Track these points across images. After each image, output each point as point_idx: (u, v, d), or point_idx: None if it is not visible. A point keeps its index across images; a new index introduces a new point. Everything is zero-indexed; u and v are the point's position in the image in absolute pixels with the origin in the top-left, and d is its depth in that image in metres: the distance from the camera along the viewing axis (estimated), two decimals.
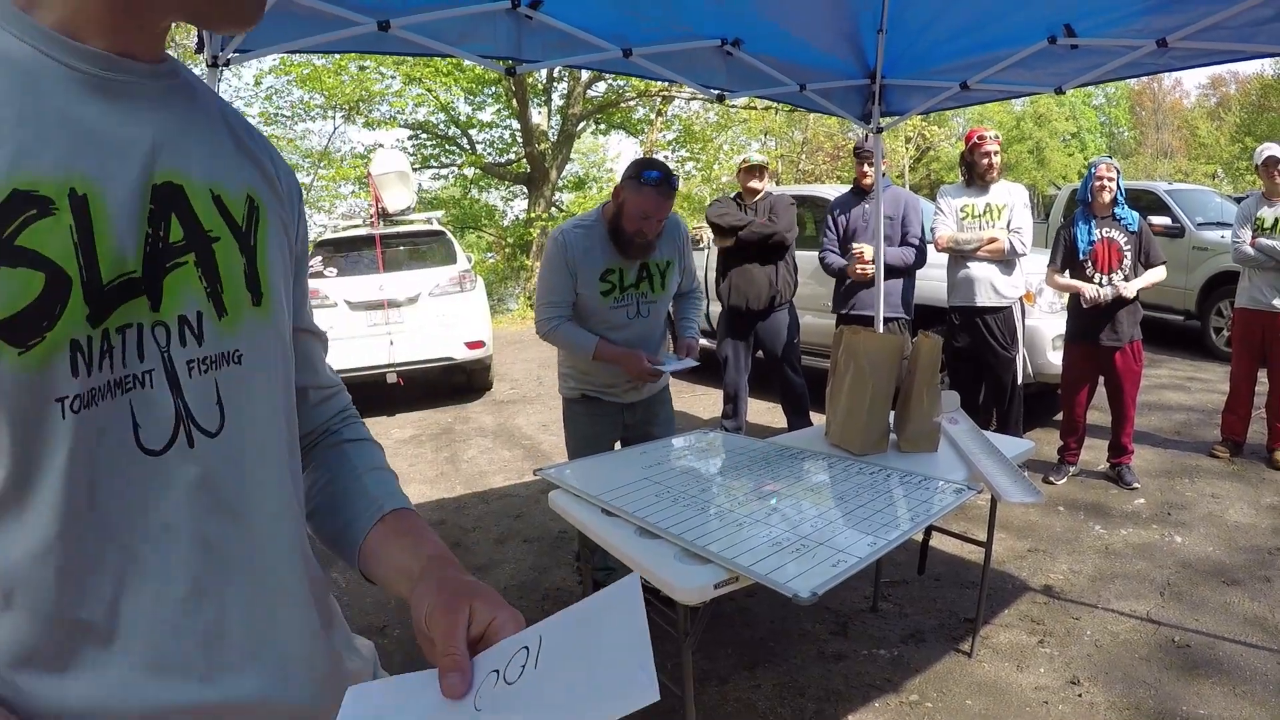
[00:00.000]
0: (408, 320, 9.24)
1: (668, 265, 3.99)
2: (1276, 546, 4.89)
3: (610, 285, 3.84)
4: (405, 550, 1.14)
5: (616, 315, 3.90)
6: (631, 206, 3.66)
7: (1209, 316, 10.78)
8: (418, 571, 1.07)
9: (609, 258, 3.82)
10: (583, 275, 3.80)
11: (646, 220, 3.66)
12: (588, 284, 3.82)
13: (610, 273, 3.83)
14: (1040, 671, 3.72)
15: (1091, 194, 5.85)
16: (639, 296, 3.93)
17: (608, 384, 4.05)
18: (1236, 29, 3.75)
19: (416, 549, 1.13)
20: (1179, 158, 49.09)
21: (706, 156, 26.99)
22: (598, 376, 4.04)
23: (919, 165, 39.31)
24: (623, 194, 3.70)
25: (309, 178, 24.23)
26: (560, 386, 4.27)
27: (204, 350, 0.95)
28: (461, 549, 5.39)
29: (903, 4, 4.58)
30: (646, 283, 3.93)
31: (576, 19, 4.02)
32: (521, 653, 0.90)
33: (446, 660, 0.91)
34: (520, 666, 0.88)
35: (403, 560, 1.13)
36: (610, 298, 3.86)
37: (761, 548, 2.41)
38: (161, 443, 0.91)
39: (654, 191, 3.63)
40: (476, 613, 0.96)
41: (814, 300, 7.73)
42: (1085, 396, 6.11)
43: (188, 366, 0.93)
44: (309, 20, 3.56)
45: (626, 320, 3.93)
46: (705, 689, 3.66)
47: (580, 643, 0.89)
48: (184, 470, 0.93)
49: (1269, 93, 40.26)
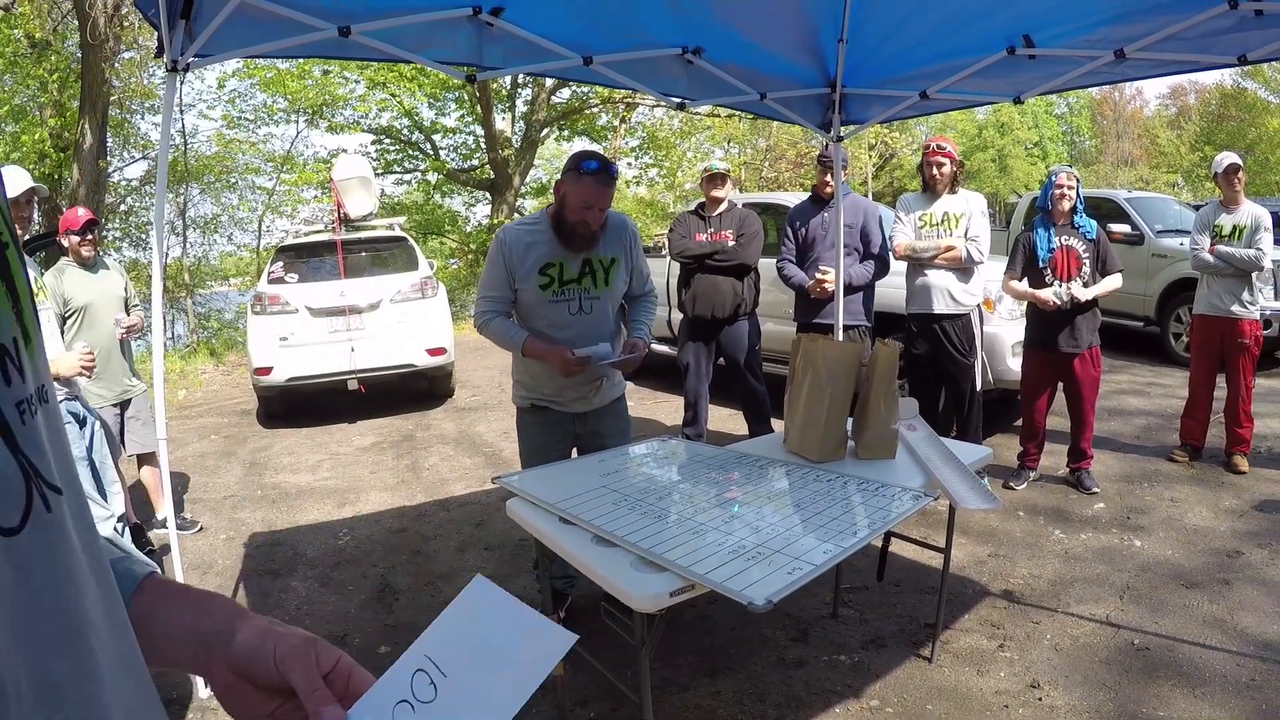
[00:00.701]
0: (369, 327, 9.18)
1: (612, 262, 3.99)
2: (1235, 549, 4.94)
3: (549, 279, 3.85)
4: (188, 609, 0.97)
5: (558, 311, 3.90)
6: (573, 198, 3.72)
7: (1168, 323, 10.89)
8: (222, 624, 0.94)
9: (550, 252, 3.84)
10: (521, 270, 3.83)
11: (588, 210, 3.72)
12: (526, 277, 3.84)
13: (550, 266, 3.85)
14: (1000, 675, 3.73)
15: (1051, 202, 5.90)
16: (581, 292, 3.92)
17: (554, 393, 4.04)
18: (1193, 40, 3.80)
19: (201, 604, 0.98)
20: (1140, 166, 49.59)
21: (670, 163, 27.03)
22: (544, 385, 4.03)
23: (882, 173, 39.54)
24: (563, 187, 3.78)
25: (271, 182, 24.08)
26: (513, 395, 4.26)
27: (26, 388, 0.65)
28: (422, 557, 5.36)
29: (864, 14, 4.61)
30: (589, 278, 3.93)
31: (537, 26, 4.02)
32: (419, 674, 0.89)
33: (319, 695, 0.87)
34: (429, 684, 0.88)
35: (190, 618, 0.96)
36: (549, 291, 3.86)
37: (718, 555, 2.41)
38: (16, 518, 0.62)
39: (593, 180, 3.69)
40: (321, 652, 0.91)
41: (775, 308, 7.75)
42: (1044, 402, 6.16)
43: (18, 410, 0.64)
44: (269, 25, 3.55)
45: (569, 316, 3.91)
46: (666, 697, 3.65)
47: (471, 639, 0.90)
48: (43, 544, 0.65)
49: (1228, 102, 40.80)
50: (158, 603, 0.97)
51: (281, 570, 5.27)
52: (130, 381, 5.70)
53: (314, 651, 0.90)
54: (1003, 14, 4.23)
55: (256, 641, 0.91)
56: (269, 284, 9.33)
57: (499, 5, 3.83)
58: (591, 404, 4.10)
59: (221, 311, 23.38)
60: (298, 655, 0.89)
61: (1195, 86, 47.67)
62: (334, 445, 8.38)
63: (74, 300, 5.35)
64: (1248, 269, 6.17)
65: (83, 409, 4.42)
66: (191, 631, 0.95)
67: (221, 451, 8.45)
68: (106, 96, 14.99)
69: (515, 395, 4.22)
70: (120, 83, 16.68)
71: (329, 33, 3.58)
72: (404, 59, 3.91)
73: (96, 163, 14.35)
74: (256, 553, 5.60)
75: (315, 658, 0.90)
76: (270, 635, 0.91)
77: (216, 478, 7.44)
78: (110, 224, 19.99)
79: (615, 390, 4.21)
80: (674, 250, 6.67)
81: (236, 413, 10.45)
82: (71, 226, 5.43)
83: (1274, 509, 5.53)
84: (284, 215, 23.95)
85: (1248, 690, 3.52)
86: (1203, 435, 6.65)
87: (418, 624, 4.43)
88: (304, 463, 7.79)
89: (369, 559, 5.36)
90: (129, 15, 14.08)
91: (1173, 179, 44.48)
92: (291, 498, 6.75)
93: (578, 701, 3.63)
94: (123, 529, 4.39)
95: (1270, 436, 7.15)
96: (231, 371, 13.97)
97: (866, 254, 6.27)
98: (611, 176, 3.77)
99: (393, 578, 5.06)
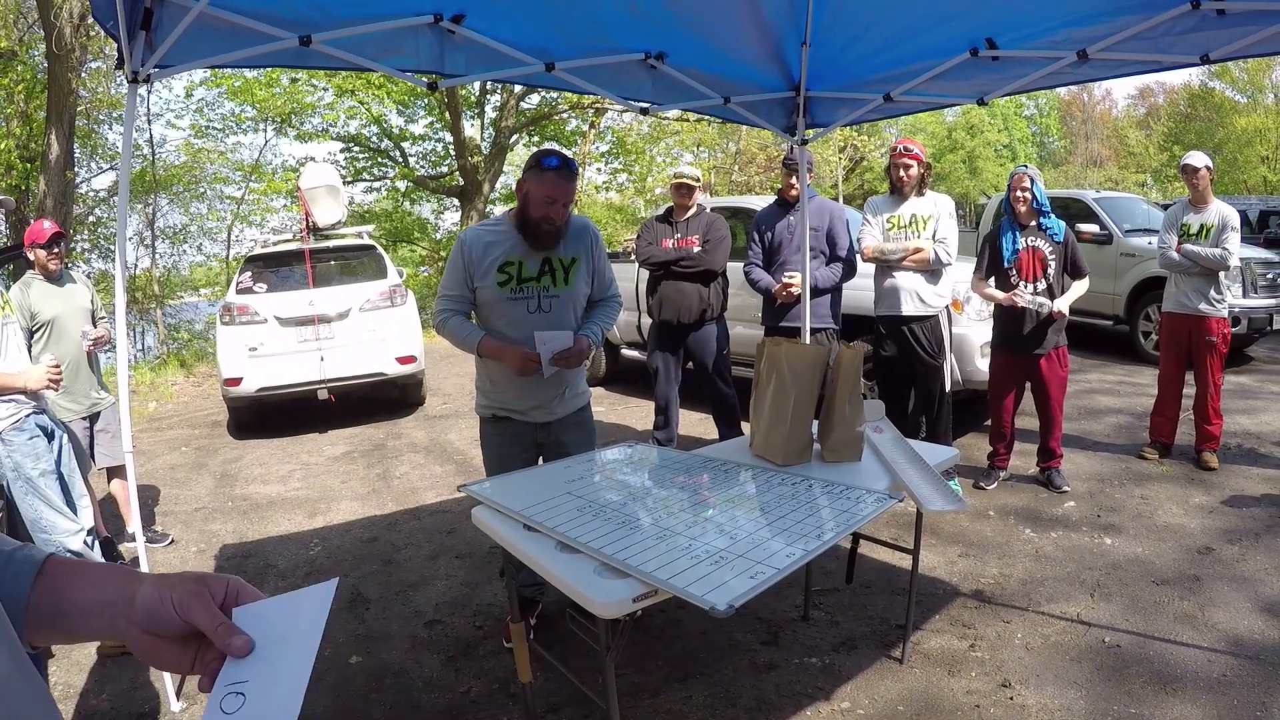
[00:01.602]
0: (338, 336, 9.13)
1: (573, 262, 3.99)
2: (1206, 546, 4.97)
3: (507, 276, 3.86)
4: (89, 585, 1.00)
5: (516, 309, 3.89)
6: (535, 194, 3.75)
7: (1137, 321, 10.99)
8: (120, 591, 0.97)
9: (510, 250, 3.86)
10: (480, 269, 3.84)
11: (552, 205, 3.75)
12: (485, 275, 3.85)
13: (509, 264, 3.86)
14: (972, 675, 3.74)
15: (1009, 204, 5.93)
16: (540, 290, 3.91)
17: (514, 401, 4.03)
18: (1155, 40, 3.83)
19: (98, 578, 1.00)
20: (1109, 166, 50.07)
21: (640, 168, 27.04)
22: (504, 395, 4.03)
23: (852, 176, 39.72)
24: (526, 184, 3.81)
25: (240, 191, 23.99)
26: (476, 405, 4.25)
27: None
28: (393, 566, 5.33)
29: (827, 17, 4.61)
30: (548, 276, 3.93)
31: (499, 33, 4.00)
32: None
33: (223, 628, 0.92)
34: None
35: (92, 592, 0.99)
36: (507, 288, 3.86)
37: (681, 560, 2.40)
38: None
39: (554, 176, 3.74)
40: (213, 587, 0.96)
41: (744, 311, 7.75)
42: (1012, 402, 6.19)
43: None
44: (231, 35, 3.52)
45: (527, 314, 3.90)
46: (636, 702, 3.64)
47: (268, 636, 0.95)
48: None
49: (1196, 102, 41.23)
50: (60, 583, 1.00)
51: (252, 582, 5.09)
52: (99, 394, 5.65)
53: (205, 589, 0.95)
54: (966, 18, 4.26)
55: (154, 597, 0.94)
56: (237, 294, 9.27)
57: (460, 12, 3.81)
58: (554, 413, 4.08)
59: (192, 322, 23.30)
60: (193, 597, 0.93)
61: (1163, 87, 48.30)
62: (305, 455, 8.33)
63: (41, 314, 5.30)
64: (1214, 268, 6.21)
65: (51, 422, 4.38)
66: (96, 603, 0.98)
67: (192, 463, 8.39)
68: (73, 107, 14.86)
69: (478, 405, 4.21)
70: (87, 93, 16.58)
71: (290, 42, 3.55)
72: (366, 67, 3.88)
73: (63, 174, 14.23)
74: (227, 565, 5.56)
75: (209, 594, 0.95)
76: (163, 586, 0.95)
77: (187, 490, 7.39)
78: (79, 236, 19.86)
79: (579, 400, 4.19)
80: (640, 256, 6.67)
81: (207, 424, 10.38)
82: (38, 239, 5.38)
83: (1244, 505, 5.57)
84: (253, 224, 23.92)
85: (1219, 687, 3.54)
86: (1172, 432, 6.70)
87: (389, 633, 4.44)
88: (275, 473, 7.74)
89: (340, 569, 5.32)
90: (95, 25, 13.98)
91: (1141, 179, 44.94)
92: (262, 509, 6.70)
93: (548, 708, 3.61)
94: (92, 542, 4.36)
95: (1239, 433, 7.21)
96: (202, 383, 13.89)
97: (833, 256, 6.28)
98: (573, 172, 3.84)
99: (364, 587, 5.03)
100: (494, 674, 3.97)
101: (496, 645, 4.22)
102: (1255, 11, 3.51)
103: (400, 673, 4.04)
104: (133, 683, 4.10)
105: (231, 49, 3.57)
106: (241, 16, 3.45)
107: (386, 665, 4.13)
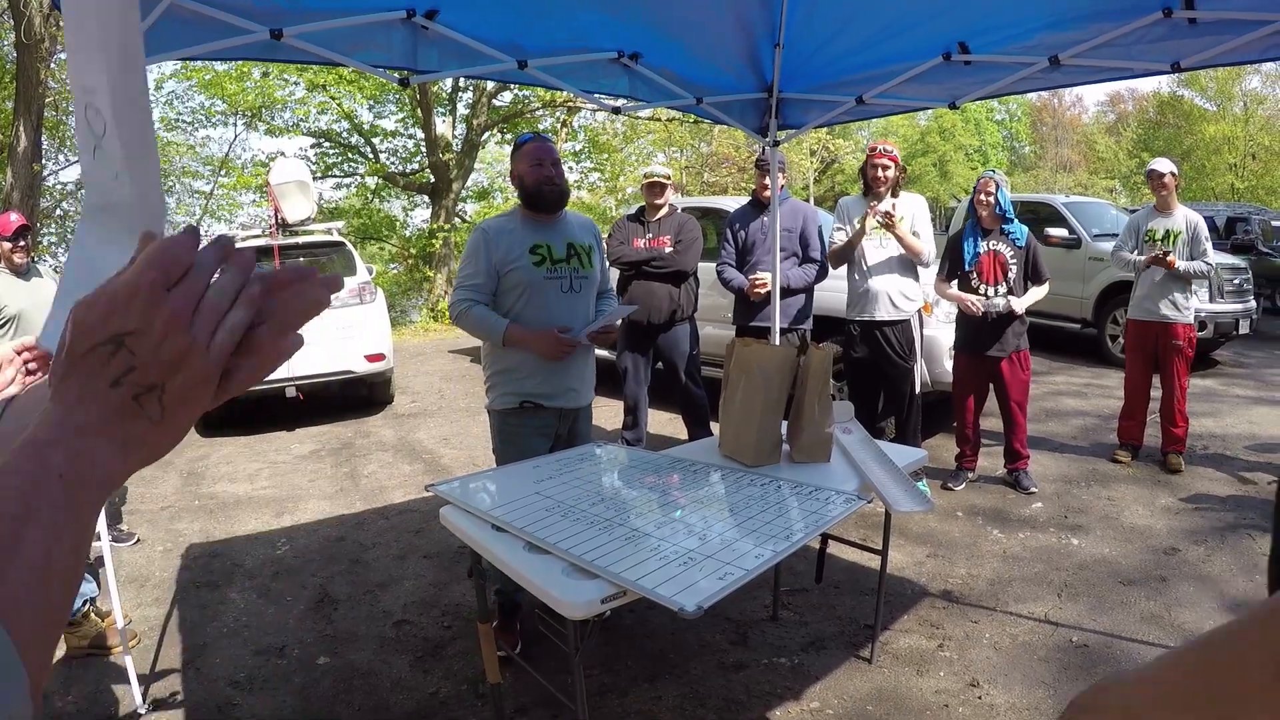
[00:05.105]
0: (306, 333, 9.02)
1: (589, 249, 4.11)
2: (1172, 547, 5.02)
3: (541, 257, 3.92)
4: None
5: (552, 289, 3.93)
6: (525, 165, 3.95)
7: (1105, 324, 11.09)
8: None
9: (534, 235, 3.94)
10: (510, 254, 3.89)
11: (541, 166, 3.93)
12: (518, 259, 3.89)
13: (539, 246, 3.93)
14: (940, 675, 3.76)
15: (973, 208, 5.98)
16: (571, 271, 3.98)
17: (543, 390, 3.96)
18: (1127, 47, 3.85)
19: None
20: (1079, 171, 50.45)
21: (612, 168, 27.00)
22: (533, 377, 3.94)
23: (824, 177, 39.86)
24: (515, 168, 4.04)
25: (209, 185, 23.81)
26: (491, 399, 4.08)
27: None
28: (361, 566, 5.30)
29: (801, 19, 4.62)
30: (576, 259, 4.02)
31: (472, 29, 3.98)
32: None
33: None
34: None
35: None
36: (543, 268, 3.91)
37: (650, 561, 2.39)
38: None
39: (534, 145, 4.02)
40: None
41: (715, 311, 7.76)
42: (975, 404, 6.23)
43: None
44: (200, 27, 3.46)
45: (561, 295, 3.95)
46: (605, 702, 3.64)
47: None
48: None
49: (1166, 109, 41.59)
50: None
51: (219, 582, 5.18)
52: None
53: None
54: (939, 21, 4.27)
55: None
56: None
57: (433, 8, 3.79)
58: (582, 400, 4.13)
59: None
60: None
61: (1133, 94, 48.75)
62: (272, 454, 8.26)
63: (6, 308, 5.22)
64: (1203, 278, 6.32)
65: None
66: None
67: (159, 461, 8.27)
68: (42, 98, 14.66)
69: (497, 398, 4.03)
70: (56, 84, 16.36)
71: (261, 35, 3.51)
72: (338, 62, 3.85)
73: (31, 166, 14.03)
74: (194, 564, 5.50)
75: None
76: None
77: (153, 488, 7.31)
78: (45, 229, 19.64)
79: (591, 394, 4.22)
80: (612, 256, 6.66)
81: None
82: (3, 232, 5.29)
83: (1209, 506, 5.63)
84: (222, 220, 23.72)
85: None
86: (1140, 435, 6.77)
87: (357, 633, 4.41)
88: (242, 472, 7.67)
89: (307, 569, 5.28)
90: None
91: (1110, 184, 45.30)
92: (229, 508, 6.64)
93: (517, 709, 3.60)
94: None
95: (1205, 436, 7.28)
96: None
97: (806, 258, 6.29)
98: (548, 139, 4.08)
99: (331, 587, 5.00)
100: (463, 675, 3.95)
101: (465, 646, 4.20)
102: (1226, 21, 3.55)
103: (369, 674, 4.02)
104: (98, 684, 4.05)
105: (201, 41, 3.52)
106: (211, 9, 3.40)
107: (355, 666, 4.10)
